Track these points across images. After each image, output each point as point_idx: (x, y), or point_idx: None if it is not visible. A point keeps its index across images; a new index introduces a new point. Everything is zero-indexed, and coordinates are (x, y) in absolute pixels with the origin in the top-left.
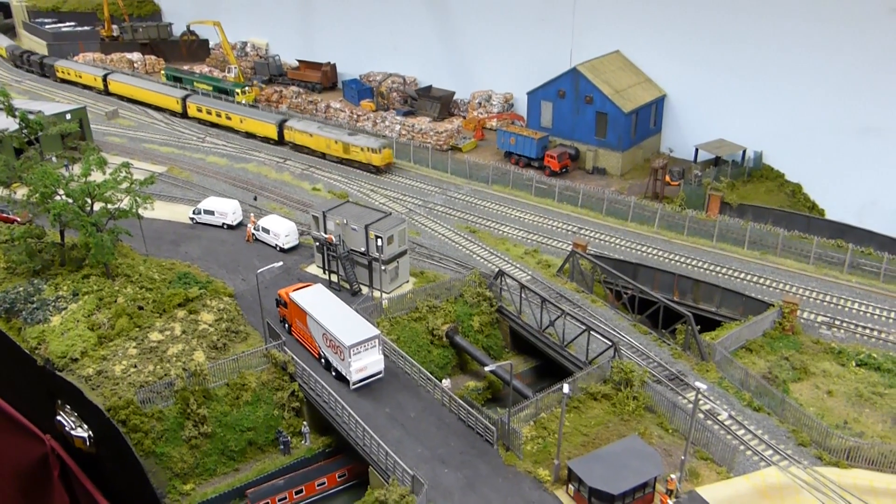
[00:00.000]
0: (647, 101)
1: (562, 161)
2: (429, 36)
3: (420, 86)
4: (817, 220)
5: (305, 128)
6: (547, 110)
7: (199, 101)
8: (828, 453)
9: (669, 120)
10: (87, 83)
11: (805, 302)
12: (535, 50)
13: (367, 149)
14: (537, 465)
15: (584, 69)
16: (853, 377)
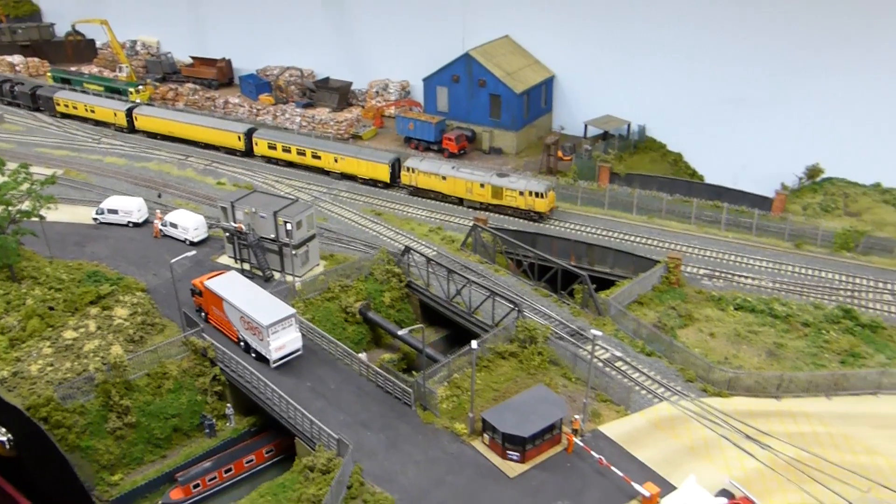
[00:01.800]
0: (538, 81)
1: (459, 143)
2: (323, 28)
3: (318, 78)
4: (697, 184)
5: (434, 168)
6: (443, 95)
7: (271, 136)
8: (711, 386)
9: (559, 99)
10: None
11: (688, 257)
12: (428, 37)
13: (528, 193)
14: (454, 420)
15: (476, 54)
16: (732, 320)
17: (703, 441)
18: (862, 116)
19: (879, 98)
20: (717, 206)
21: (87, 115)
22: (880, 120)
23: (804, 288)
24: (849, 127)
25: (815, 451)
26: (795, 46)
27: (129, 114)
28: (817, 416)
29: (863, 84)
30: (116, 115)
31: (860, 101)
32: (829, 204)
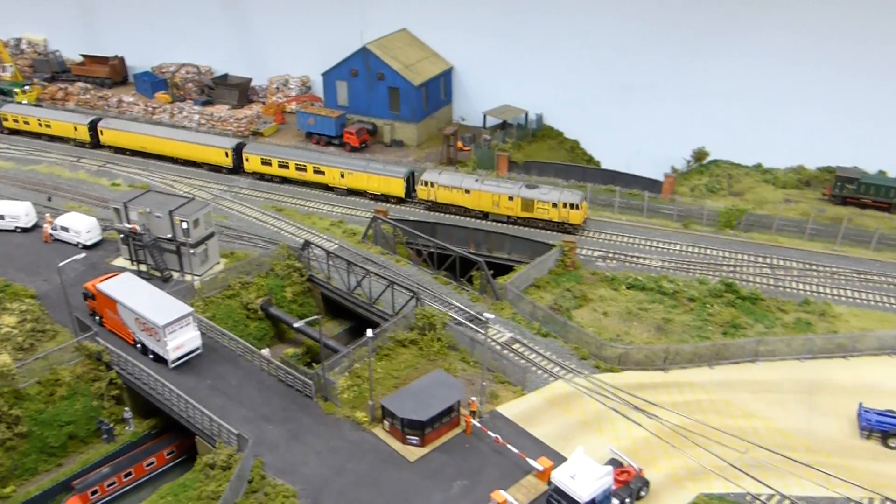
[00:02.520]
0: (436, 73)
1: (360, 136)
2: (220, 23)
3: (216, 74)
4: (592, 170)
5: (456, 182)
6: (342, 89)
7: (265, 151)
8: (603, 362)
9: (458, 90)
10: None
11: (583, 240)
12: (326, 32)
13: (563, 205)
14: (355, 409)
15: (373, 47)
16: (624, 298)
17: (595, 415)
18: (744, 100)
19: (760, 82)
20: (611, 190)
21: (42, 131)
22: (761, 103)
23: (691, 265)
24: (732, 111)
25: (697, 417)
26: (682, 34)
27: (92, 127)
28: (701, 384)
29: (744, 69)
30: (77, 129)
31: (742, 85)
32: (715, 185)
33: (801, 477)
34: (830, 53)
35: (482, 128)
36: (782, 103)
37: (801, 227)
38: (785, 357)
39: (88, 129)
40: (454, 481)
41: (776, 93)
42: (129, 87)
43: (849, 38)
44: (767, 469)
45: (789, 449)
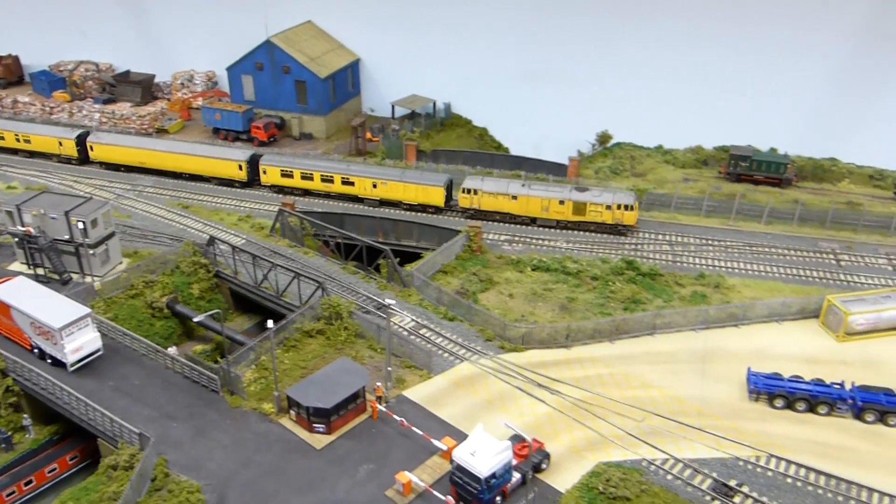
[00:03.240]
0: (342, 65)
1: (268, 131)
2: (119, 18)
3: (117, 71)
4: (499, 156)
5: (501, 188)
6: (248, 83)
7: (285, 162)
8: (508, 342)
9: (367, 82)
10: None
11: (489, 225)
12: (230, 25)
13: (616, 206)
14: (261, 401)
15: (277, 40)
16: (529, 280)
17: (500, 394)
18: (645, 85)
19: (659, 67)
20: (518, 175)
21: (20, 146)
22: (661, 87)
23: (594, 245)
24: (634, 95)
25: (598, 390)
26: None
27: (80, 142)
28: (601, 359)
29: (644, 55)
30: (62, 144)
31: (643, 70)
32: (618, 166)
33: (694, 440)
34: (724, 37)
35: (391, 118)
36: (681, 87)
37: (698, 204)
38: (681, 328)
39: (76, 143)
40: (360, 466)
41: (675, 77)
42: (26, 87)
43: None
44: (663, 435)
45: (683, 415)
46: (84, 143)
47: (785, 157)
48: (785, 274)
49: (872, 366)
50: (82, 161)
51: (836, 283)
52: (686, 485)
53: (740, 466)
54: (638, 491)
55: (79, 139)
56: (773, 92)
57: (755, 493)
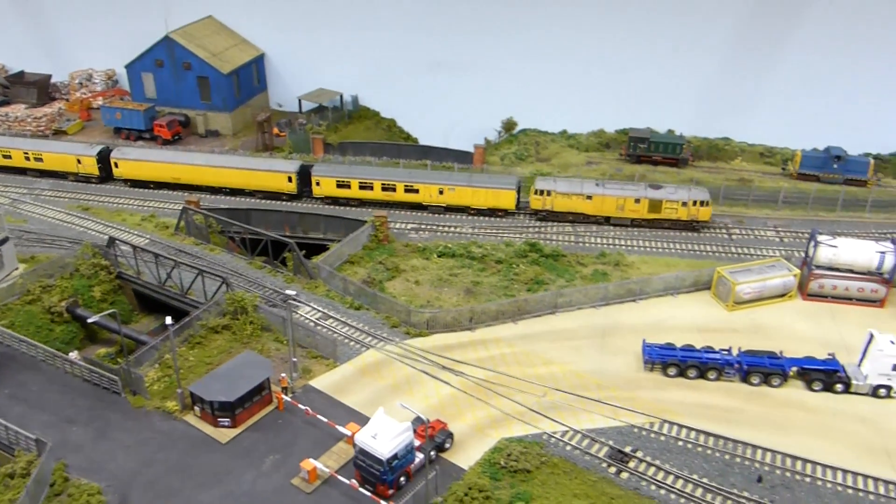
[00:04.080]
0: (246, 60)
1: (172, 129)
2: (10, 16)
3: (10, 72)
4: (406, 146)
5: (575, 189)
6: (149, 81)
7: (340, 172)
8: (413, 328)
9: (273, 77)
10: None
11: (396, 215)
12: (129, 21)
13: (692, 203)
14: (165, 400)
15: (177, 36)
16: (435, 266)
17: (405, 378)
18: (549, 72)
19: (562, 54)
20: (424, 165)
21: (29, 165)
22: (564, 74)
23: (499, 230)
24: (539, 82)
25: (501, 369)
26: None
27: (102, 159)
28: (505, 339)
29: (547, 42)
30: (82, 161)
31: (546, 57)
32: (523, 152)
33: (593, 412)
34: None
35: (299, 112)
36: (583, 73)
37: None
38: (582, 306)
39: (97, 160)
40: (267, 457)
41: (577, 63)
42: None
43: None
44: (563, 409)
45: (583, 388)
46: (106, 159)
47: (681, 138)
48: (681, 249)
49: (759, 331)
50: (103, 179)
51: (728, 255)
52: (584, 454)
53: (635, 433)
54: (538, 463)
55: (100, 156)
56: (671, 76)
57: (648, 457)
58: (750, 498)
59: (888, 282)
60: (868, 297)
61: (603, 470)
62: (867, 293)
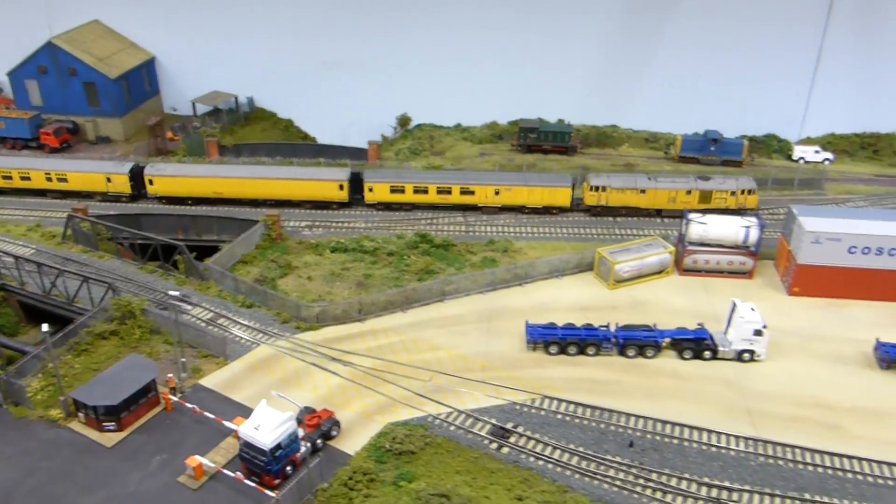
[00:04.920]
0: (136, 65)
1: (60, 136)
2: None
3: None
4: (302, 145)
5: (629, 184)
6: (33, 88)
7: (392, 177)
8: (304, 322)
9: (165, 80)
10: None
11: (290, 214)
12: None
13: (741, 192)
14: (49, 408)
15: (60, 41)
16: (328, 262)
17: (295, 371)
18: (441, 66)
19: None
20: (319, 163)
21: (52, 186)
22: (456, 68)
23: (391, 223)
24: (432, 78)
25: (389, 357)
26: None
27: (135, 177)
28: (394, 328)
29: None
30: (112, 179)
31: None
32: (418, 147)
33: (477, 393)
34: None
35: (193, 116)
36: (475, 66)
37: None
38: (470, 292)
39: (130, 178)
40: (153, 457)
41: (469, 57)
42: None
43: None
44: (448, 391)
45: (468, 371)
46: (139, 176)
47: (569, 127)
48: (567, 234)
49: (638, 307)
50: (134, 198)
51: (612, 237)
52: (467, 433)
53: (517, 410)
54: (422, 444)
55: (132, 173)
56: (560, 67)
57: (529, 431)
58: (622, 462)
59: (754, 254)
60: (738, 270)
61: (485, 446)
62: (736, 266)
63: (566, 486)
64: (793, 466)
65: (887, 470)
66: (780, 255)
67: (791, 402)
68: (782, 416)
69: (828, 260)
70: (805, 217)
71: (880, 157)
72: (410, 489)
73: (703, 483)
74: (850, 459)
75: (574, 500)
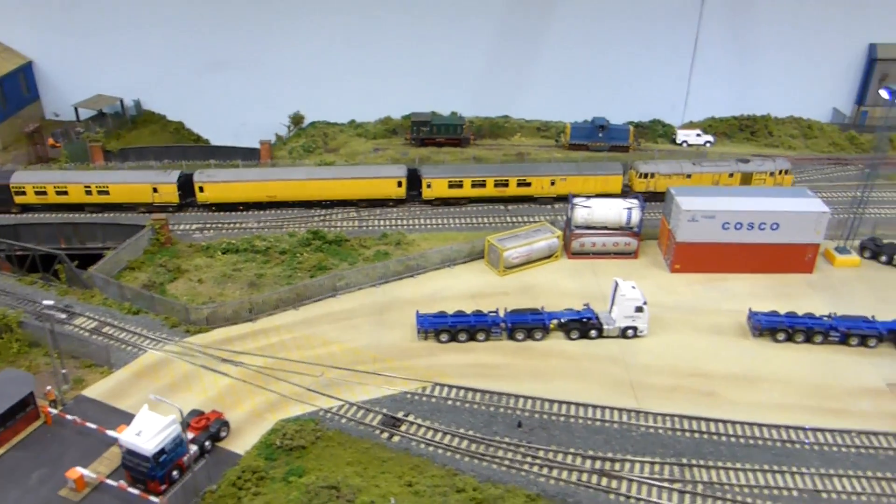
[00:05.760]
0: (10, 70)
1: None
2: None
3: None
4: (191, 148)
5: (676, 169)
6: None
7: (450, 172)
8: (193, 325)
9: (45, 85)
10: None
11: (179, 217)
12: None
13: (778, 172)
14: None
15: None
16: (220, 263)
17: (185, 375)
18: (333, 63)
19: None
20: (209, 165)
21: (91, 200)
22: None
23: (284, 221)
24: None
25: (281, 355)
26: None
27: (183, 185)
28: (285, 326)
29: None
30: (159, 190)
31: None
32: (311, 145)
33: (369, 384)
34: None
35: (77, 121)
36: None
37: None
38: (362, 286)
39: (178, 187)
40: (33, 473)
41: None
42: None
43: None
44: (340, 385)
45: (360, 363)
46: (187, 185)
47: (460, 119)
48: (461, 223)
49: (528, 291)
50: (180, 207)
51: (504, 225)
52: (358, 424)
53: (408, 399)
54: (313, 438)
55: (182, 182)
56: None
57: (419, 419)
58: (510, 442)
59: (637, 234)
60: (623, 251)
61: (376, 437)
62: (622, 247)
63: (456, 470)
64: (671, 434)
65: (757, 430)
66: (662, 234)
67: (671, 374)
68: (663, 387)
69: (704, 237)
70: (682, 197)
71: (756, 138)
72: (300, 483)
73: (587, 456)
74: (724, 423)
75: (463, 482)
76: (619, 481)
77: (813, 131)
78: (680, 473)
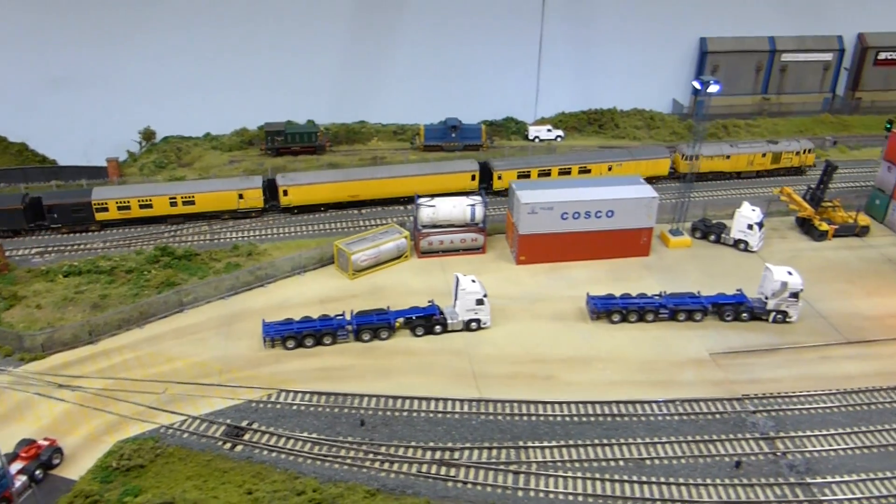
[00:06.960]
0: None
1: None
2: None
3: None
4: (32, 169)
5: (716, 151)
6: None
7: (518, 164)
8: (28, 352)
9: None
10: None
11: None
12: None
13: (803, 151)
14: None
15: None
16: (61, 287)
17: (17, 404)
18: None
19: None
20: (51, 187)
21: (176, 211)
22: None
23: (131, 239)
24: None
25: (122, 375)
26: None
27: (267, 190)
28: (129, 345)
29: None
30: (244, 196)
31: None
32: (163, 160)
33: (213, 397)
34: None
35: None
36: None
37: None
38: (211, 299)
39: (263, 192)
40: None
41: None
42: None
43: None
44: (184, 400)
45: (205, 376)
46: (271, 190)
47: (314, 127)
48: (312, 230)
49: (378, 292)
50: (263, 211)
51: (357, 229)
52: (200, 437)
53: (252, 408)
54: (152, 456)
55: (266, 186)
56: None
57: (263, 426)
58: (353, 441)
59: (483, 230)
60: (471, 247)
61: (218, 448)
62: (469, 243)
63: (298, 473)
64: (510, 419)
65: (591, 408)
66: (507, 228)
67: (512, 362)
68: (504, 375)
69: (545, 228)
70: (521, 190)
71: (604, 131)
72: (135, 503)
73: (427, 448)
74: (559, 405)
75: (303, 484)
76: (458, 469)
77: (655, 122)
78: (516, 455)
